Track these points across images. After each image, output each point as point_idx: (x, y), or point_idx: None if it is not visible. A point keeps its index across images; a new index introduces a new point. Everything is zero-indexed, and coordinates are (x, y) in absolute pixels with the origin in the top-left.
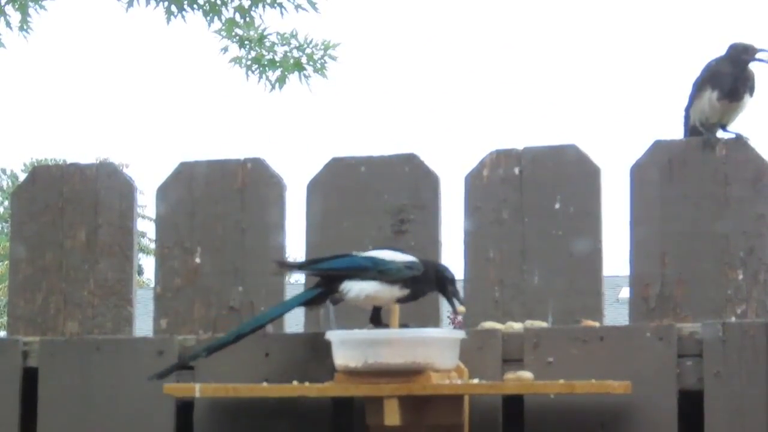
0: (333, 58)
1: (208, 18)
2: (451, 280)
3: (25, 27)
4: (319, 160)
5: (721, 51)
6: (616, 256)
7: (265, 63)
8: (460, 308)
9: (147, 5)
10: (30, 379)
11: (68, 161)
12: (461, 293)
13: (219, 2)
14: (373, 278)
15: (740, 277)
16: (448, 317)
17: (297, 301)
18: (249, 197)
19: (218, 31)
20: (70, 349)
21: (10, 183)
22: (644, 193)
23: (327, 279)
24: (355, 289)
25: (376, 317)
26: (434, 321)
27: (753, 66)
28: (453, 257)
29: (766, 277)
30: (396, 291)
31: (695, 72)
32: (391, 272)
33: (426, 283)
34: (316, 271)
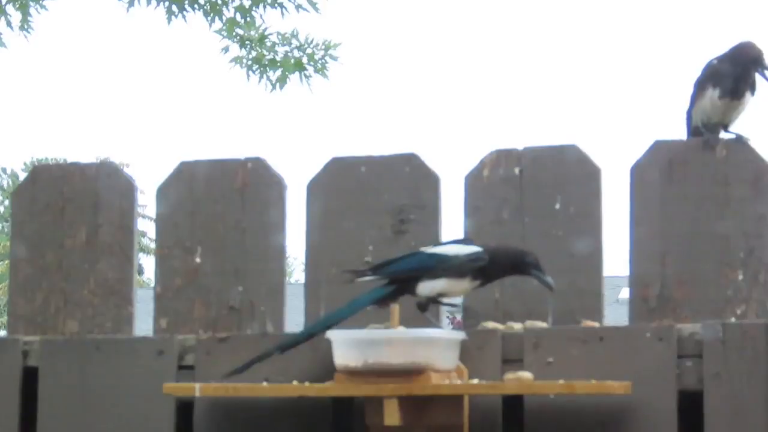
0: (334, 58)
1: (209, 18)
2: (534, 264)
3: (25, 27)
4: (319, 160)
5: (721, 51)
6: (616, 257)
7: (266, 63)
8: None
9: (148, 5)
10: (30, 378)
11: (69, 161)
12: (548, 277)
13: (220, 2)
14: (441, 276)
15: (740, 277)
16: (448, 317)
17: (369, 299)
18: (249, 197)
19: (219, 31)
20: (70, 348)
21: (10, 182)
22: (644, 194)
23: (398, 280)
24: (427, 288)
25: (424, 305)
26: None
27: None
28: None
29: (766, 277)
30: (466, 283)
31: (696, 72)
32: (455, 267)
33: (497, 269)
34: (388, 275)
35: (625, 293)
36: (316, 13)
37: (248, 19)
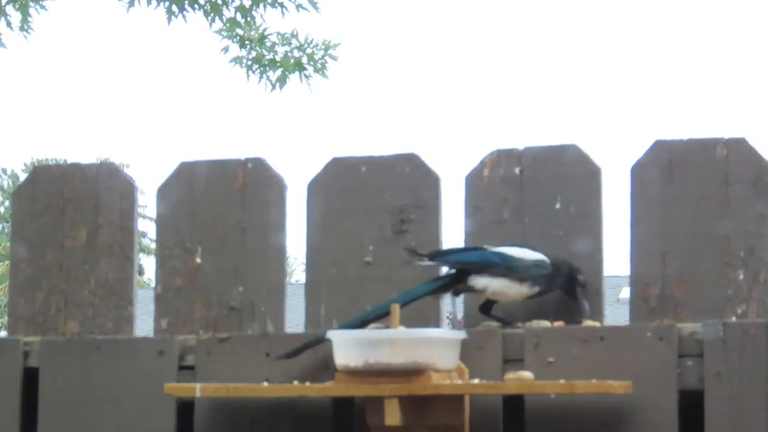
0: (333, 58)
1: (209, 18)
2: (582, 284)
3: (25, 27)
4: (320, 160)
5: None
6: (616, 256)
7: (266, 63)
8: (587, 319)
9: (148, 5)
10: (30, 379)
11: (69, 161)
12: (586, 304)
13: (220, 2)
14: (502, 275)
15: (741, 277)
16: (448, 317)
17: (425, 289)
18: (250, 197)
19: (219, 31)
20: (70, 349)
21: (10, 183)
22: (645, 193)
23: (456, 271)
24: (483, 283)
25: (486, 308)
26: (434, 321)
27: None
28: None
29: (767, 277)
30: (525, 289)
31: (695, 71)
32: (519, 270)
33: (556, 280)
34: (448, 262)
35: (625, 293)
36: (316, 12)
37: (248, 19)
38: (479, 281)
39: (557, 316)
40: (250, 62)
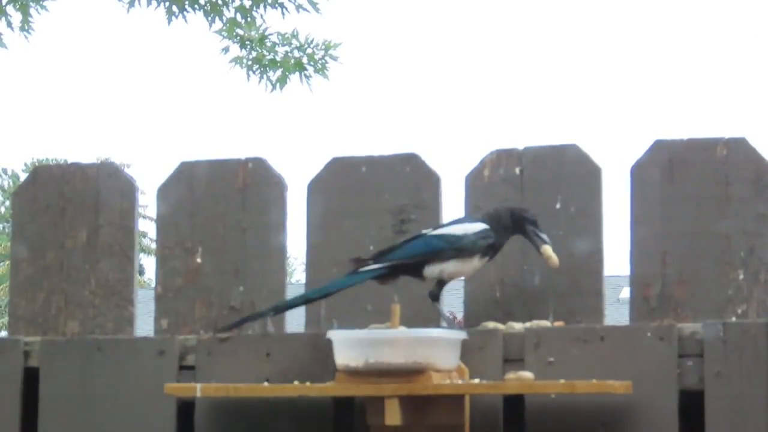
0: (334, 59)
1: (209, 18)
2: (531, 221)
3: (26, 27)
4: (320, 160)
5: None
6: (616, 256)
7: (266, 63)
8: (546, 250)
9: (148, 6)
10: (31, 379)
11: (69, 161)
12: (543, 236)
13: (220, 2)
14: (451, 257)
15: (741, 277)
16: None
17: (369, 274)
18: (250, 197)
19: (219, 32)
20: (71, 349)
21: (11, 183)
22: (645, 193)
23: (403, 266)
24: (436, 270)
25: (436, 295)
26: (435, 321)
27: None
28: None
29: (767, 277)
30: (476, 262)
31: (695, 71)
32: (467, 247)
33: (501, 239)
34: (394, 261)
35: (625, 293)
36: (316, 13)
37: (249, 19)
38: (432, 270)
39: (557, 316)
40: (250, 62)
